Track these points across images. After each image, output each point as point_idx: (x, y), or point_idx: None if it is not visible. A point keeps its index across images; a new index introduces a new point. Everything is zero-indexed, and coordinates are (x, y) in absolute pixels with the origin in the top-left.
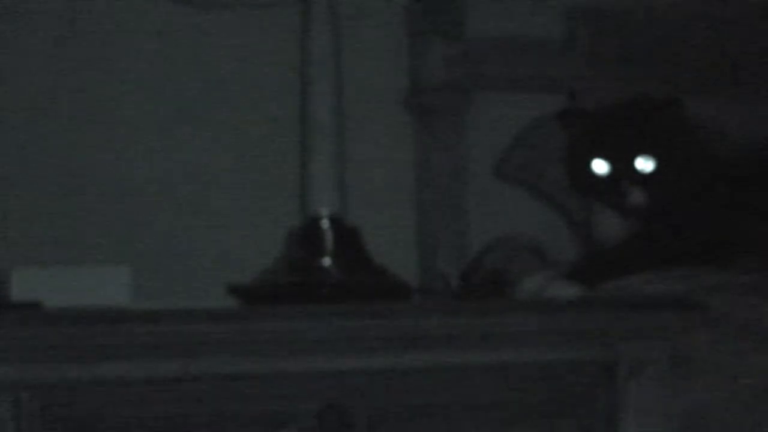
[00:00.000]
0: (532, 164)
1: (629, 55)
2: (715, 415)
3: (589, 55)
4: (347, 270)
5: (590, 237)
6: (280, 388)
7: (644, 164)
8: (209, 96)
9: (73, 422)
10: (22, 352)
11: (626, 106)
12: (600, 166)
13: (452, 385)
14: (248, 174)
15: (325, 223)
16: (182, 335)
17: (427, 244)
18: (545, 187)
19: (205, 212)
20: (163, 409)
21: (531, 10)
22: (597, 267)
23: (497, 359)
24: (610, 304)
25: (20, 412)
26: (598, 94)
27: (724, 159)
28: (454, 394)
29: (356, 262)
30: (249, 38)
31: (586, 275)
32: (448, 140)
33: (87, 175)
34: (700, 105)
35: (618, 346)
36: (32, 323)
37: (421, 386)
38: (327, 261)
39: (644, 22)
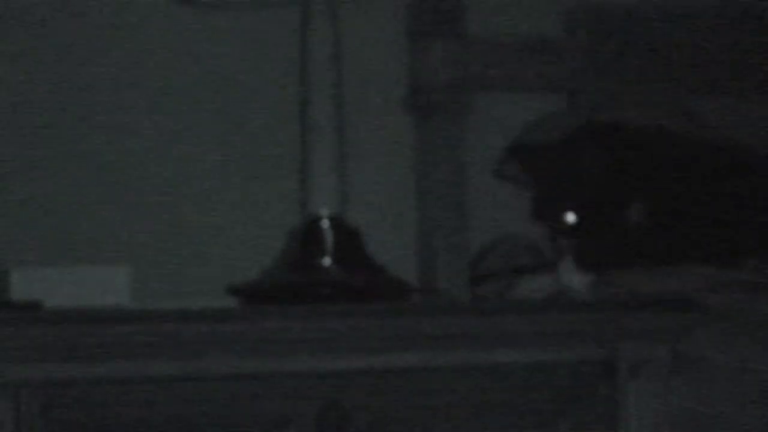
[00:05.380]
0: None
1: (629, 55)
2: (716, 415)
3: (589, 55)
4: (347, 270)
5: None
6: (280, 388)
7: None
8: (209, 96)
9: (72, 422)
10: (22, 352)
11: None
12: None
13: (452, 385)
14: (248, 174)
15: (325, 223)
16: (182, 335)
17: (427, 244)
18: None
19: (205, 212)
20: (163, 409)
21: (531, 10)
22: (606, 255)
23: (497, 359)
24: (610, 304)
25: (20, 412)
26: (598, 94)
27: (725, 157)
28: (454, 394)
29: (356, 262)
30: (249, 38)
31: (595, 263)
32: (448, 140)
33: (87, 175)
34: (701, 105)
35: (618, 346)
36: (32, 323)
37: (421, 386)
38: (327, 261)
39: (644, 22)
